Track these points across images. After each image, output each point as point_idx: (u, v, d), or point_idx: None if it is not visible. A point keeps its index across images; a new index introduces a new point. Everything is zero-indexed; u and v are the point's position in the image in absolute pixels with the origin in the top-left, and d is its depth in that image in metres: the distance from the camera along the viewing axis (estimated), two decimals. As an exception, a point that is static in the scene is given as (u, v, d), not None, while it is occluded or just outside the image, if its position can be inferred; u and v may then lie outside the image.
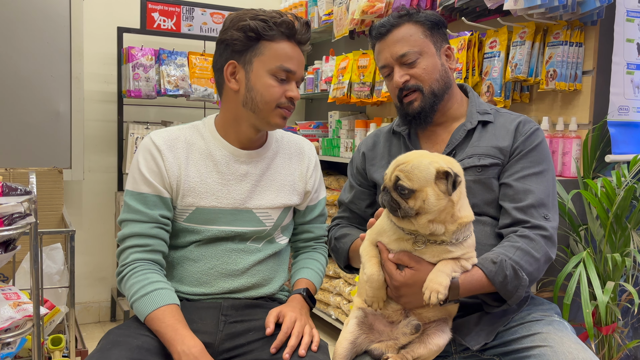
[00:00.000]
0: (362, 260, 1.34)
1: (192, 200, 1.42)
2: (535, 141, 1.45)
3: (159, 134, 1.45)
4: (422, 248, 1.25)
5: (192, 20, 3.49)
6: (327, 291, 3.11)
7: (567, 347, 1.23)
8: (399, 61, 1.48)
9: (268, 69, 1.40)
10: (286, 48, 1.41)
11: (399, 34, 1.48)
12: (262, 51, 1.39)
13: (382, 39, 1.51)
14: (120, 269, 1.40)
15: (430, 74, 1.48)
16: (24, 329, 1.32)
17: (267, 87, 1.40)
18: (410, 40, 1.47)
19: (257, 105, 1.41)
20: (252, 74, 1.40)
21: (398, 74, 1.48)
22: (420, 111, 1.48)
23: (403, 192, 1.19)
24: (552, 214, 1.40)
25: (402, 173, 1.19)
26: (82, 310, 3.44)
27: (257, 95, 1.40)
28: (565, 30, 2.03)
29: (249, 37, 1.39)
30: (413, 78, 1.48)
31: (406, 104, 1.49)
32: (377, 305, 1.31)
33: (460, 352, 1.40)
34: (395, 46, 1.48)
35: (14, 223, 1.25)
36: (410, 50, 1.47)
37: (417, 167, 1.19)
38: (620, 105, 2.02)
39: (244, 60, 1.41)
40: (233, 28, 1.40)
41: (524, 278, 1.29)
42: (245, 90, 1.41)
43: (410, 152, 1.26)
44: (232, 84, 1.42)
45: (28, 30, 3.00)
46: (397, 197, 1.20)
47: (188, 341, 1.26)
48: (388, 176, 1.23)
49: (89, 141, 3.40)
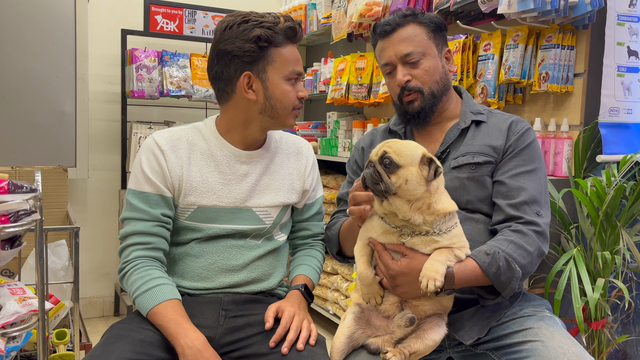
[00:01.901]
0: (355, 259, 1.37)
1: (193, 199, 1.44)
2: (527, 140, 1.47)
3: (162, 134, 1.46)
4: (408, 239, 1.27)
5: (194, 23, 3.51)
6: (325, 287, 3.13)
7: (557, 341, 1.25)
8: (402, 60, 1.49)
9: (283, 76, 1.42)
10: (292, 51, 1.43)
11: (404, 34, 1.49)
12: (274, 58, 1.40)
13: (387, 37, 1.51)
14: (122, 266, 1.41)
15: (431, 76, 1.49)
16: (29, 323, 1.34)
17: (285, 93, 1.42)
18: (414, 40, 1.49)
19: (277, 111, 1.43)
20: (269, 83, 1.41)
21: (401, 72, 1.49)
22: (420, 111, 1.50)
23: (389, 165, 1.23)
24: (545, 210, 1.42)
25: (391, 149, 1.24)
26: (86, 305, 3.48)
27: (277, 103, 1.42)
28: (558, 33, 2.05)
29: (260, 47, 1.38)
30: (415, 79, 1.49)
31: (406, 103, 1.51)
32: (375, 300, 1.33)
33: (454, 347, 1.42)
34: (400, 45, 1.48)
35: (19, 220, 1.28)
36: (414, 50, 1.48)
37: (406, 146, 1.26)
38: (611, 107, 2.03)
39: (257, 70, 1.40)
40: (240, 39, 1.38)
41: (517, 270, 1.31)
42: (264, 99, 1.42)
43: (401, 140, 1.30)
44: (249, 95, 1.42)
45: (34, 32, 3.01)
46: (381, 170, 1.24)
47: (191, 334, 1.27)
48: (375, 151, 1.27)
49: (94, 140, 3.43)
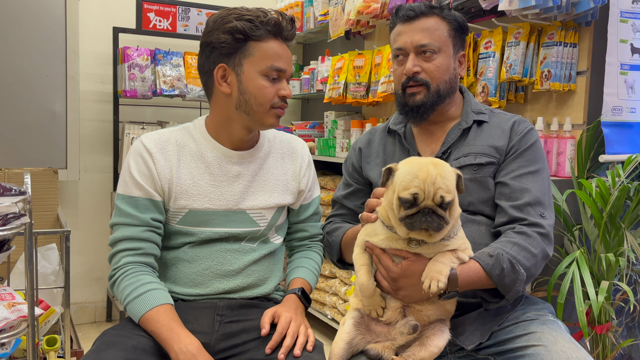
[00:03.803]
0: (355, 268, 1.35)
1: (184, 202, 1.42)
2: (530, 140, 1.46)
3: (150, 136, 1.44)
4: (417, 248, 1.26)
5: (188, 21, 3.49)
6: (323, 291, 3.12)
7: (560, 346, 1.24)
8: (417, 50, 1.47)
9: (259, 70, 1.39)
10: (274, 47, 1.40)
11: (426, 23, 1.47)
12: (252, 52, 1.38)
13: (407, 22, 1.48)
14: (113, 272, 1.39)
15: (441, 74, 1.47)
16: (19, 329, 1.32)
17: (260, 88, 1.39)
18: (435, 34, 1.47)
19: (252, 107, 1.40)
20: (243, 77, 1.39)
21: (412, 62, 1.47)
22: (420, 105, 1.48)
23: (446, 206, 1.19)
24: (549, 212, 1.41)
25: (442, 189, 1.18)
26: (77, 310, 3.44)
27: (250, 98, 1.39)
28: (560, 31, 2.04)
29: (236, 38, 1.37)
30: (424, 72, 1.47)
31: (408, 94, 1.49)
32: (376, 312, 1.32)
33: (455, 352, 1.41)
34: (419, 34, 1.46)
35: (8, 223, 1.26)
36: (431, 43, 1.46)
37: (448, 178, 1.20)
38: (614, 106, 2.03)
39: (234, 63, 1.39)
40: (219, 30, 1.37)
41: (522, 272, 1.30)
42: (238, 93, 1.40)
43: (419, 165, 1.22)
44: (223, 87, 1.40)
45: (23, 30, 3.00)
46: (440, 212, 1.19)
47: (184, 339, 1.26)
48: (426, 195, 1.18)
49: (85, 141, 3.40)
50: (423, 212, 1.18)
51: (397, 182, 1.22)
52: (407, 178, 1.20)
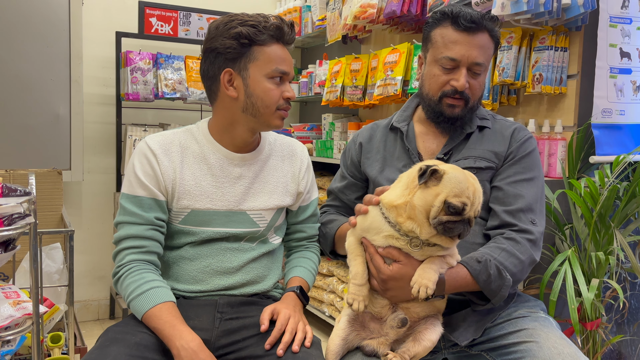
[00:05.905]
0: (348, 257, 1.36)
1: (187, 202, 1.44)
2: (529, 148, 1.48)
3: (154, 138, 1.46)
4: (417, 249, 1.27)
5: (189, 25, 3.51)
6: (320, 289, 3.13)
7: (552, 342, 1.26)
8: (470, 66, 1.45)
9: (265, 73, 1.41)
10: (277, 50, 1.43)
11: (482, 40, 1.45)
12: (257, 56, 1.41)
13: (467, 33, 1.44)
14: (117, 269, 1.40)
15: (480, 90, 1.50)
16: (24, 327, 1.32)
17: (266, 91, 1.42)
18: (487, 52, 1.47)
19: (258, 110, 1.43)
20: (250, 80, 1.41)
21: (464, 77, 1.45)
22: (456, 118, 1.49)
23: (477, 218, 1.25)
24: (539, 219, 1.42)
25: (480, 204, 1.24)
26: (81, 308, 3.46)
27: (257, 101, 1.42)
28: (551, 35, 2.06)
29: (241, 43, 1.39)
30: (470, 88, 1.47)
31: (447, 104, 1.48)
32: (357, 305, 1.30)
33: (449, 348, 1.43)
34: (476, 50, 1.44)
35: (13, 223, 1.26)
36: (484, 62, 1.46)
37: (478, 189, 1.25)
38: (604, 108, 2.04)
39: (240, 67, 1.41)
40: (223, 36, 1.40)
41: (508, 278, 1.31)
42: (245, 97, 1.42)
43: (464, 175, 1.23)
44: (230, 91, 1.42)
45: (28, 35, 3.01)
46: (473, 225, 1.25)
47: (186, 336, 1.27)
48: (471, 207, 1.21)
49: (88, 143, 3.42)
50: (463, 221, 1.20)
51: (447, 187, 1.20)
52: (460, 186, 1.20)
